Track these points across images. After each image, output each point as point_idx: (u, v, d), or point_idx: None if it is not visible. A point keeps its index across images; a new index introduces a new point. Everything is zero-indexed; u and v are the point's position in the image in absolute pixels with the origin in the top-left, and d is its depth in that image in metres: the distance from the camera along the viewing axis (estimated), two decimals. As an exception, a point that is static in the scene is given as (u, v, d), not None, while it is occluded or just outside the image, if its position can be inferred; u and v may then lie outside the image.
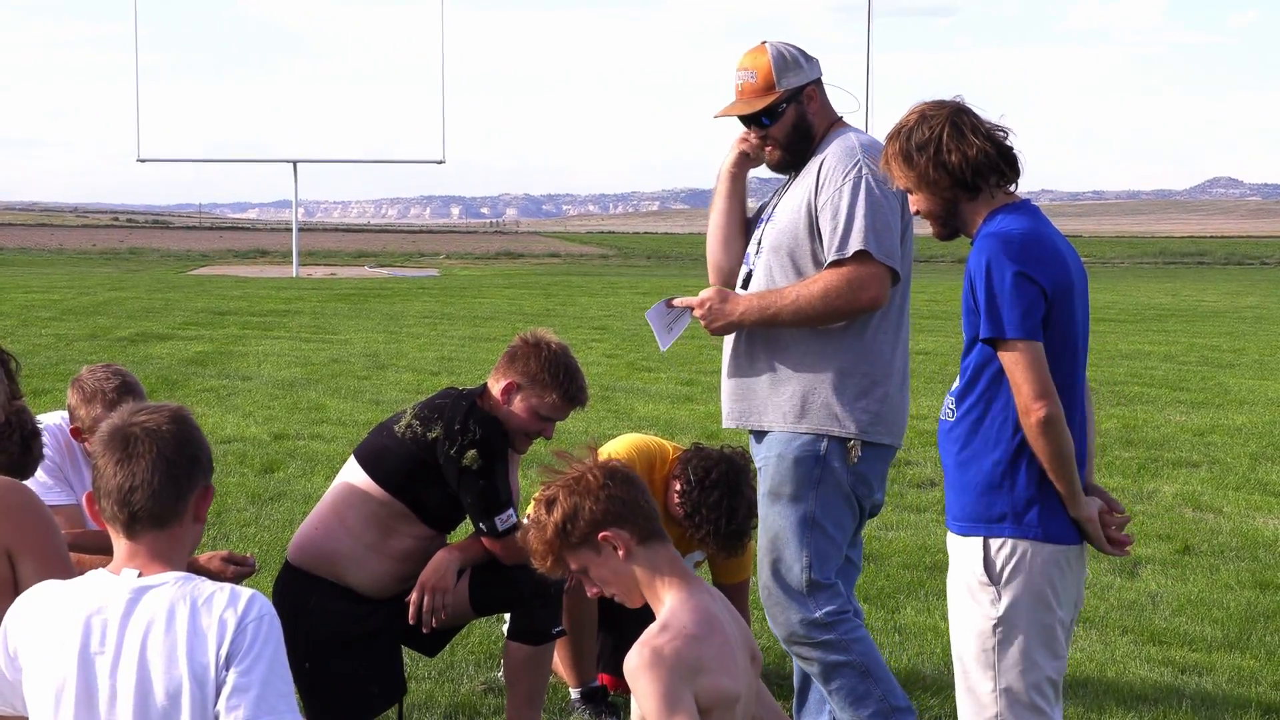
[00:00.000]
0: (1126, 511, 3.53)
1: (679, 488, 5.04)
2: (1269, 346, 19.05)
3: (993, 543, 3.42)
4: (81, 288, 29.02)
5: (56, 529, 3.21)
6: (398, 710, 4.68)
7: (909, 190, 3.53)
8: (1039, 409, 3.30)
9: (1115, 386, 14.23)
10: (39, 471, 4.34)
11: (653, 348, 16.91)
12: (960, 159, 3.40)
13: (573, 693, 5.18)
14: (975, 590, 3.44)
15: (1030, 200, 3.53)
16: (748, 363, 4.27)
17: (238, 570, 4.58)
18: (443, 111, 40.39)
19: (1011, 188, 3.51)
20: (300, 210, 43.02)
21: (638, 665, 2.89)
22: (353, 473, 4.54)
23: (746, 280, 4.34)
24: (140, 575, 2.67)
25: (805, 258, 4.18)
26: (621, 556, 3.02)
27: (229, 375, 14.11)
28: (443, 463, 4.39)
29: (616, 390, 13.44)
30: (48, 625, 2.67)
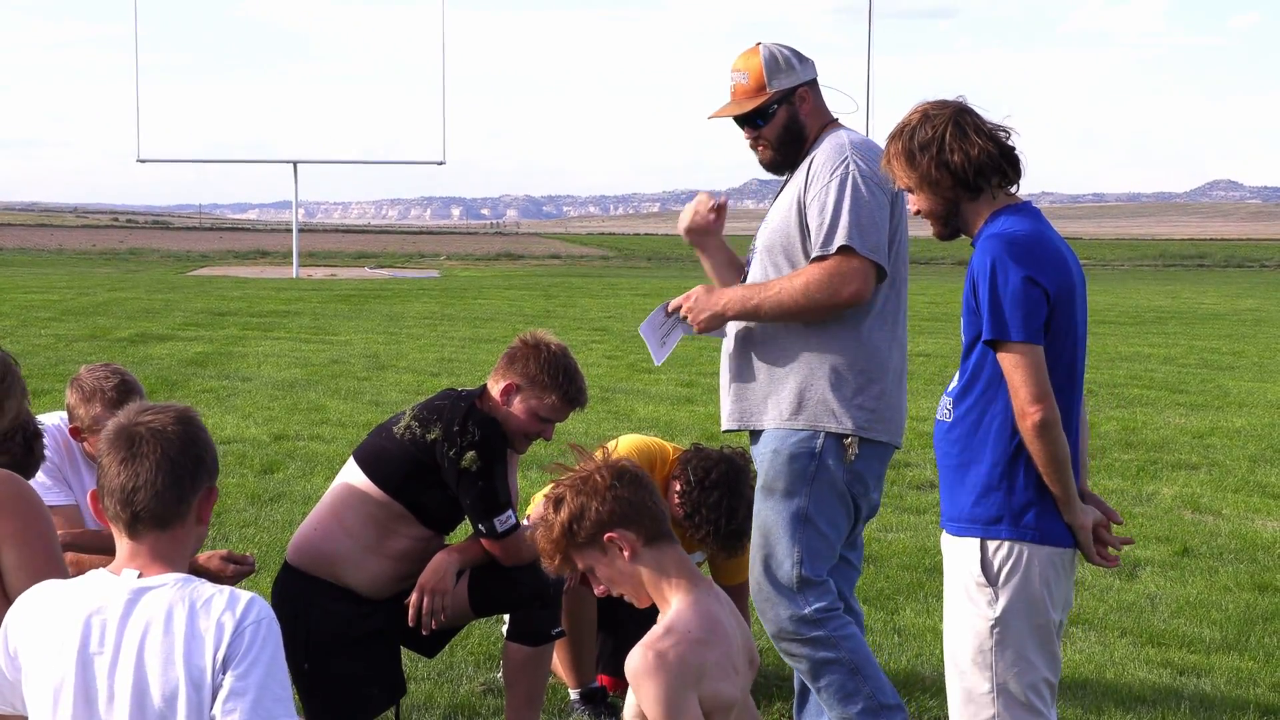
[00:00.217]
0: (1123, 518, 3.53)
1: (679, 488, 5.04)
2: (1268, 349, 19.05)
3: (990, 544, 3.42)
4: (81, 288, 29.01)
5: (49, 525, 3.19)
6: (396, 711, 4.68)
7: (910, 190, 3.52)
8: (1035, 412, 3.30)
9: (1115, 389, 14.23)
10: (39, 472, 4.34)
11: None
12: (963, 159, 3.40)
13: (572, 694, 5.18)
14: (972, 591, 3.44)
15: (1031, 202, 3.53)
16: (745, 364, 4.27)
17: (237, 569, 4.59)
18: (443, 112, 40.44)
19: (1013, 189, 3.51)
20: (300, 211, 43.00)
21: (641, 669, 2.87)
22: (352, 474, 4.54)
23: (744, 281, 4.35)
24: (140, 576, 2.66)
25: (797, 255, 4.19)
26: (627, 557, 3.01)
27: (229, 376, 14.11)
28: (442, 464, 4.39)
29: (616, 391, 13.44)
30: (48, 625, 2.66)
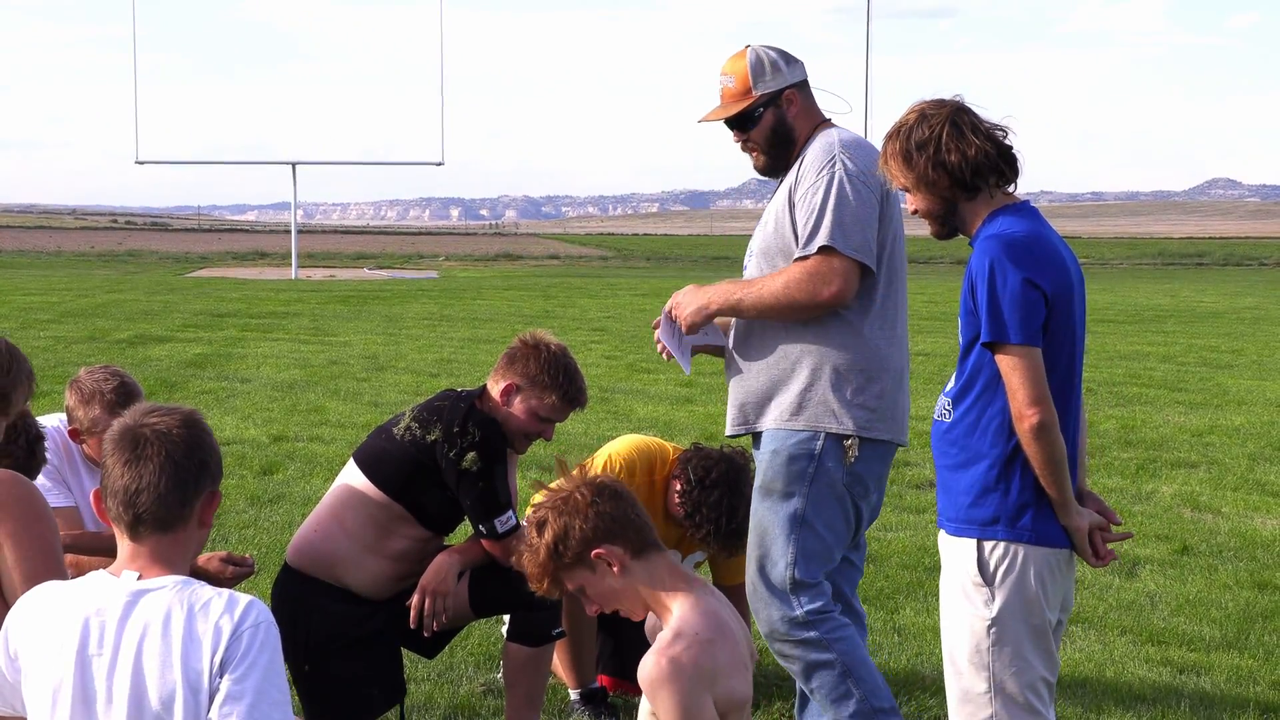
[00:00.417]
0: (1123, 516, 3.53)
1: (679, 488, 5.04)
2: (1267, 347, 19.06)
3: (986, 544, 3.42)
4: (80, 290, 29.00)
5: (50, 528, 3.18)
6: (398, 712, 4.68)
7: (907, 190, 3.51)
8: (1033, 415, 3.30)
9: (1114, 387, 14.24)
10: (39, 475, 4.35)
11: (651, 349, 16.91)
12: (960, 159, 3.39)
13: (572, 694, 5.18)
14: (969, 591, 3.44)
15: (1029, 201, 3.52)
16: (746, 367, 4.25)
17: (236, 570, 4.59)
18: (442, 113, 40.46)
19: (1010, 188, 3.51)
20: (299, 212, 42.99)
21: (657, 677, 2.86)
22: (352, 475, 4.54)
23: None
24: (140, 578, 2.65)
25: (792, 257, 4.15)
26: (616, 572, 3.00)
27: (228, 377, 14.10)
28: (442, 465, 4.39)
29: (616, 392, 13.44)
30: (48, 626, 2.66)
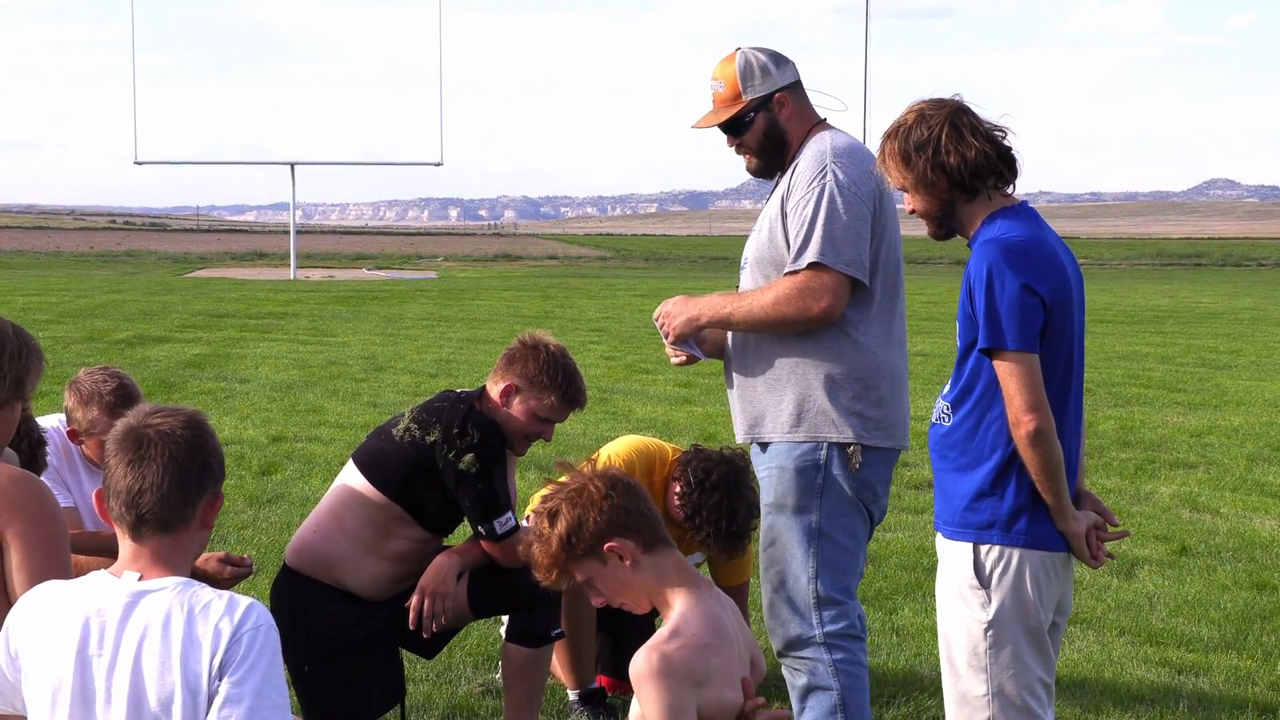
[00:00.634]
0: (1121, 517, 3.53)
1: (679, 489, 5.03)
2: (1266, 348, 19.07)
3: (982, 548, 3.41)
4: (79, 290, 29.00)
5: (57, 529, 3.11)
6: (402, 712, 4.68)
7: (905, 190, 3.50)
8: (1029, 421, 3.29)
9: (1113, 388, 14.24)
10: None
11: (650, 350, 16.91)
12: (959, 160, 3.37)
13: (571, 694, 5.18)
14: (966, 593, 3.43)
15: (1028, 202, 3.51)
16: (744, 375, 4.20)
17: (235, 571, 4.59)
18: (440, 113, 40.49)
19: (1009, 189, 3.49)
20: (298, 212, 43.00)
21: (645, 671, 2.86)
22: (351, 476, 4.54)
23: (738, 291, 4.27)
24: (141, 579, 2.66)
25: (783, 268, 4.08)
26: (628, 566, 2.99)
27: (227, 378, 14.11)
28: (441, 466, 4.39)
29: (615, 392, 13.44)
30: (48, 625, 2.66)
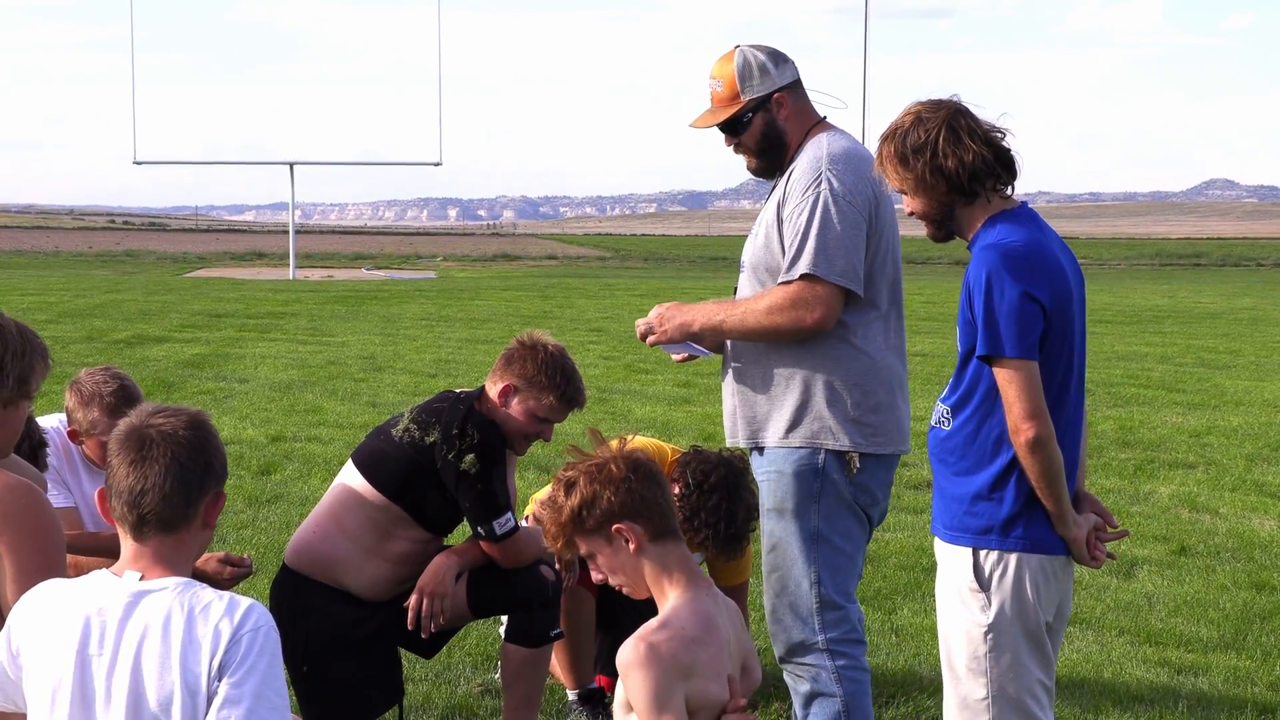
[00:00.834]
0: (1121, 517, 3.53)
1: (678, 491, 5.03)
2: (1265, 348, 19.07)
3: (981, 552, 3.41)
4: (78, 290, 29.00)
5: (55, 542, 3.06)
6: (400, 712, 4.68)
7: (903, 193, 3.50)
8: (1028, 429, 3.29)
9: (1112, 388, 14.25)
10: (38, 475, 4.34)
11: (649, 350, 16.90)
12: (957, 164, 3.36)
13: (570, 694, 5.19)
14: (965, 597, 3.43)
15: (1028, 203, 3.50)
16: (742, 380, 4.16)
17: (234, 571, 4.59)
18: (440, 113, 40.52)
19: (1008, 191, 3.48)
20: (297, 212, 43.01)
21: (632, 660, 2.88)
22: (350, 476, 4.54)
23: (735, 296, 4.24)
24: (142, 578, 2.66)
25: (779, 273, 4.05)
26: (632, 550, 3.01)
27: (226, 378, 14.11)
28: (440, 467, 4.39)
29: (614, 392, 13.45)
30: (49, 623, 2.66)
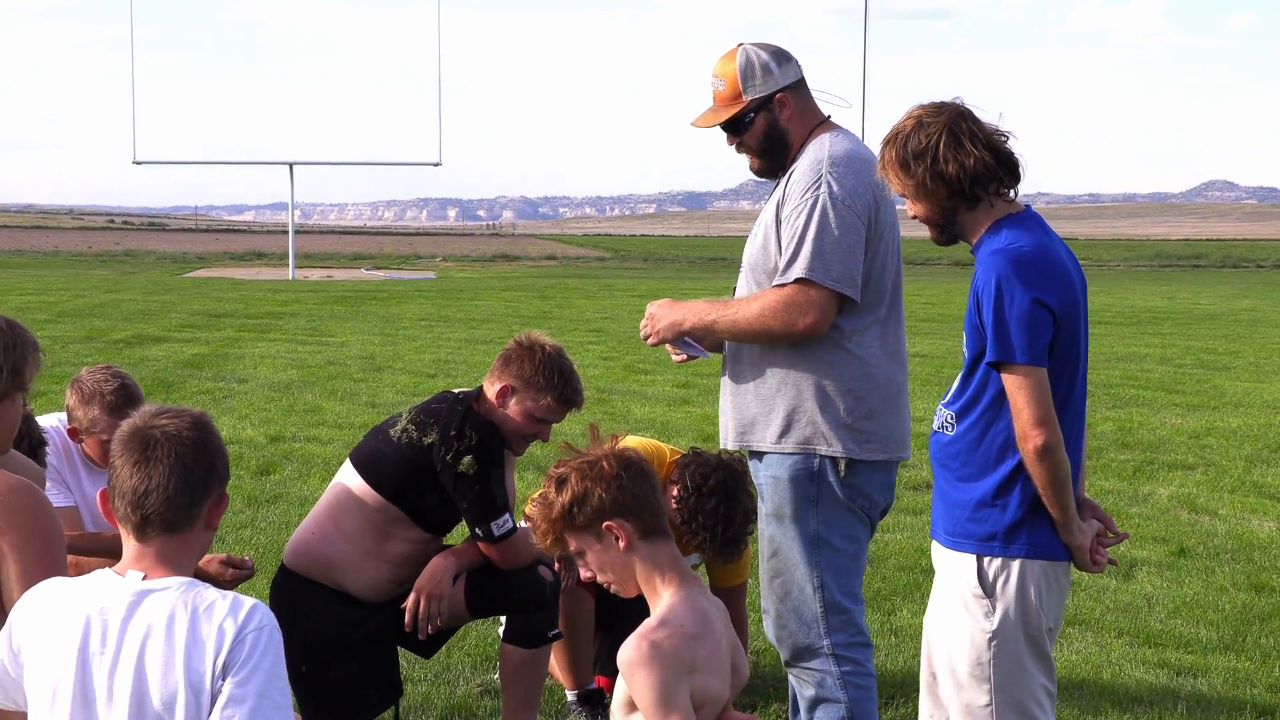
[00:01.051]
0: (1120, 519, 3.52)
1: (676, 493, 5.02)
2: (1264, 349, 19.07)
3: (985, 559, 3.41)
4: (77, 290, 28.99)
5: (57, 541, 3.06)
6: (395, 712, 4.68)
7: (906, 197, 3.50)
8: (1037, 436, 3.28)
9: (1111, 389, 14.25)
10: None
11: (648, 350, 16.91)
12: (958, 169, 3.35)
13: (569, 695, 5.18)
14: (969, 603, 3.42)
15: (1030, 206, 3.48)
16: (737, 383, 4.14)
17: (236, 573, 4.60)
18: (439, 114, 40.52)
19: (1011, 195, 3.46)
20: (297, 212, 43.02)
21: (636, 659, 2.88)
22: (348, 477, 4.53)
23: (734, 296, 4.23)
24: (145, 578, 2.66)
25: (776, 274, 4.02)
26: (622, 548, 3.01)
27: (225, 378, 14.11)
28: (439, 468, 4.38)
29: (613, 393, 13.45)
30: (51, 621, 2.66)
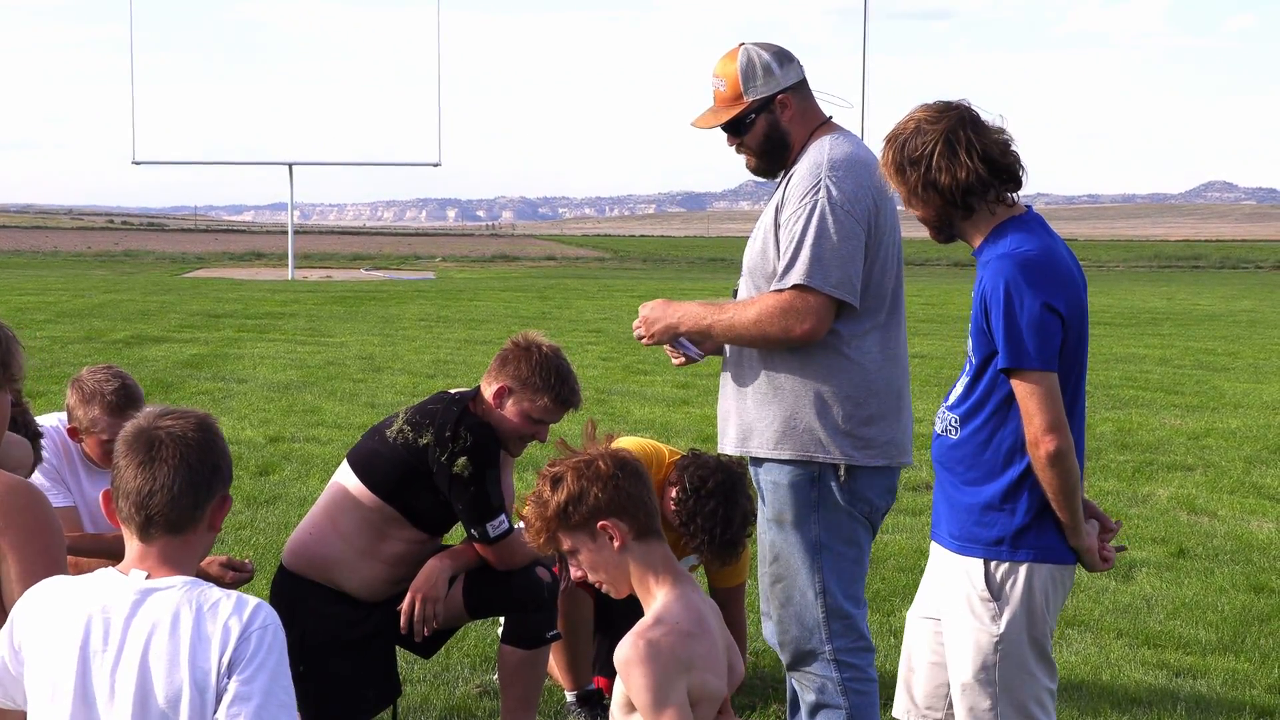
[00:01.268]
0: (1119, 519, 3.52)
1: (675, 495, 5.01)
2: (1263, 350, 19.07)
3: (992, 563, 3.40)
4: (76, 290, 28.99)
5: (57, 540, 3.05)
6: (394, 712, 4.68)
7: (902, 198, 3.49)
8: (1049, 442, 3.27)
9: (1110, 390, 14.24)
10: (36, 474, 4.34)
11: (648, 351, 16.91)
12: (950, 180, 3.33)
13: (568, 695, 5.18)
14: (976, 607, 3.42)
15: (1032, 208, 3.47)
16: (737, 388, 4.11)
17: (236, 576, 4.60)
18: (439, 114, 40.55)
19: (1011, 200, 3.43)
20: (296, 213, 43.01)
21: (632, 657, 2.88)
22: (345, 477, 4.54)
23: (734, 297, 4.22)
24: (148, 577, 2.67)
25: (774, 278, 3.98)
26: (616, 548, 3.01)
27: (224, 378, 14.10)
28: (434, 469, 4.38)
29: (612, 393, 13.45)
30: (52, 619, 2.67)
